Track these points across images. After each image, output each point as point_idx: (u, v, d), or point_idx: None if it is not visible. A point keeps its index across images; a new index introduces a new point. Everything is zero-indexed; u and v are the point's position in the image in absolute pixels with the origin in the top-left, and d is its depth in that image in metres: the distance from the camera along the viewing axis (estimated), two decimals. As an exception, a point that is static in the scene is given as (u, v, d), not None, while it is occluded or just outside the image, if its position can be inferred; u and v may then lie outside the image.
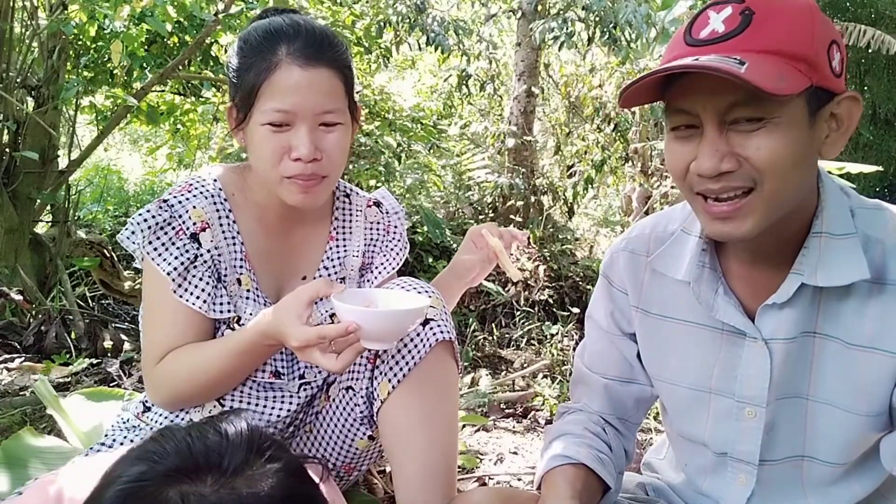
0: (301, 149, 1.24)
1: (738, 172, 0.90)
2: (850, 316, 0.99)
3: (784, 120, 0.88)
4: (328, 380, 1.46)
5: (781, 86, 0.84)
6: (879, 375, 0.98)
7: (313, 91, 1.25)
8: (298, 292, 1.20)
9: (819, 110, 0.91)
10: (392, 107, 4.83)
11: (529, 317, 3.91)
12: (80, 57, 3.74)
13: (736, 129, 0.90)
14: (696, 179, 0.94)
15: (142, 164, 8.63)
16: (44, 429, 2.10)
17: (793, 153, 0.89)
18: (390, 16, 5.07)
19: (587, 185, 5.46)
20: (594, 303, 1.26)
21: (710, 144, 0.90)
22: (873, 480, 1.08)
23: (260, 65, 1.25)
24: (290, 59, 1.24)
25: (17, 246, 3.31)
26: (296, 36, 1.26)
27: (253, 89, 1.25)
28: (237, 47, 1.32)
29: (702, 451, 1.15)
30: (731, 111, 0.89)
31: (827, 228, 0.98)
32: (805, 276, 0.98)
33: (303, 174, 1.26)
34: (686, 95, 0.91)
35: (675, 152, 0.96)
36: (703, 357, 1.10)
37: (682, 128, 0.95)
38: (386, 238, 1.52)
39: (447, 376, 1.35)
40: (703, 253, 1.07)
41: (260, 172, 1.32)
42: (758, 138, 0.88)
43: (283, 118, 1.24)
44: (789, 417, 1.06)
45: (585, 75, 6.03)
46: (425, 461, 1.30)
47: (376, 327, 1.15)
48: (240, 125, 1.31)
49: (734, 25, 0.89)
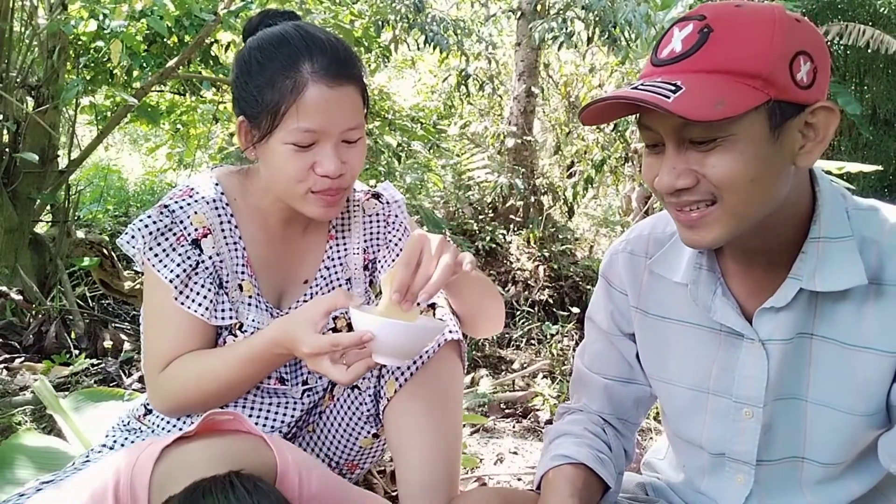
0: (329, 166, 1.22)
1: (696, 188, 0.92)
2: (847, 317, 0.99)
3: (741, 136, 0.88)
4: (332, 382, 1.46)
5: (717, 110, 0.85)
6: (877, 374, 0.98)
7: (340, 110, 1.22)
8: (316, 301, 1.19)
9: (785, 122, 0.90)
10: (392, 106, 4.83)
11: (529, 317, 3.92)
12: (80, 57, 3.73)
13: (693, 147, 0.91)
14: (661, 195, 0.97)
15: (142, 164, 8.63)
16: (44, 429, 2.10)
17: (751, 168, 0.90)
18: (388, 15, 5.07)
19: (587, 185, 5.47)
20: (594, 304, 1.26)
21: (668, 162, 0.93)
22: (871, 478, 1.09)
23: (283, 82, 1.20)
24: (317, 77, 1.20)
25: (17, 246, 3.30)
26: (319, 52, 1.22)
27: (277, 109, 1.21)
28: (250, 60, 1.26)
29: (699, 451, 1.16)
30: (685, 130, 0.90)
31: (824, 232, 0.98)
32: (803, 282, 0.98)
33: (330, 189, 1.25)
34: (648, 114, 0.94)
35: (647, 165, 0.99)
36: (702, 358, 1.11)
37: (650, 145, 0.98)
38: (386, 230, 1.48)
39: (453, 376, 1.36)
40: (699, 255, 1.07)
41: (279, 188, 1.28)
42: (713, 156, 0.90)
43: (309, 138, 1.21)
44: (787, 419, 1.06)
45: (585, 75, 6.04)
46: (430, 460, 1.31)
47: (391, 340, 1.11)
48: (253, 141, 1.27)
49: (690, 45, 0.90)
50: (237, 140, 1.34)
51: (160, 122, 4.61)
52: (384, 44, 5.20)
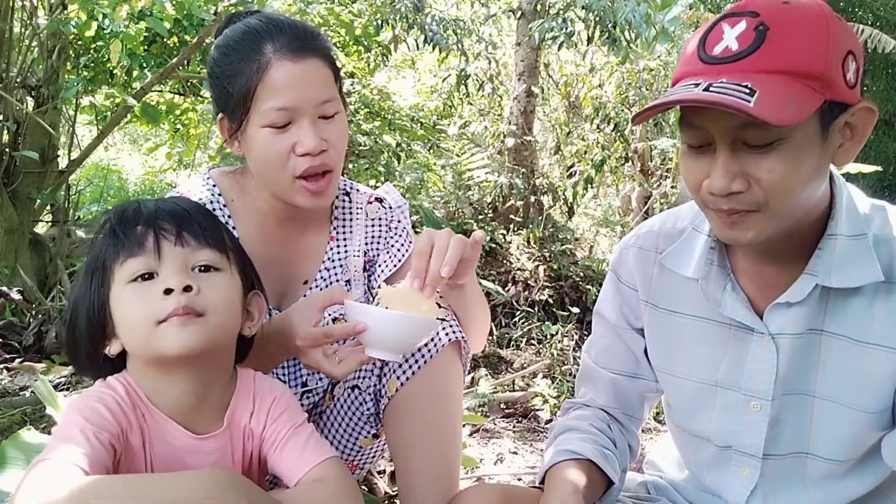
0: (308, 142, 1.22)
1: (747, 194, 0.91)
2: (858, 314, 1.00)
3: (796, 139, 0.88)
4: (332, 382, 1.46)
5: (790, 113, 0.83)
6: (886, 372, 0.99)
7: (309, 83, 1.23)
8: (313, 297, 1.19)
9: (832, 123, 0.90)
10: (392, 106, 4.83)
11: (529, 317, 3.91)
12: (80, 57, 3.74)
13: (748, 149, 0.90)
14: (707, 197, 0.95)
15: (142, 163, 8.63)
16: (44, 429, 2.10)
17: (804, 172, 0.90)
18: (388, 14, 5.07)
19: (587, 185, 5.47)
20: (602, 298, 1.27)
21: (723, 165, 0.91)
22: (874, 478, 1.09)
23: (249, 67, 1.22)
24: (280, 55, 1.22)
25: (17, 246, 3.30)
26: (279, 32, 1.24)
27: (247, 93, 1.22)
28: (217, 55, 1.28)
29: (705, 445, 1.16)
30: (743, 132, 0.89)
31: (841, 230, 0.98)
32: (819, 278, 0.99)
33: (312, 167, 1.24)
34: (699, 113, 0.91)
35: (690, 168, 0.97)
36: (711, 352, 1.11)
37: (695, 145, 0.95)
38: (388, 234, 1.48)
39: (454, 376, 1.36)
40: (711, 251, 1.08)
41: (266, 177, 1.29)
42: (770, 160, 0.89)
43: (284, 116, 1.22)
44: (794, 414, 1.07)
45: (585, 75, 6.04)
46: (430, 459, 1.31)
47: (384, 331, 1.10)
48: (234, 134, 1.28)
49: (747, 43, 0.88)
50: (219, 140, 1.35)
51: (160, 123, 4.61)
52: (384, 43, 5.20)
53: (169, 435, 1.01)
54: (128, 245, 0.98)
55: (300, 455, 1.04)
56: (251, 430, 1.07)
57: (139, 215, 1.01)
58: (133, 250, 0.98)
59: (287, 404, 1.10)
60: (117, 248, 0.98)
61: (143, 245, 0.98)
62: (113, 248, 0.99)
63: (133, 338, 0.98)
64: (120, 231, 0.99)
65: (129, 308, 0.97)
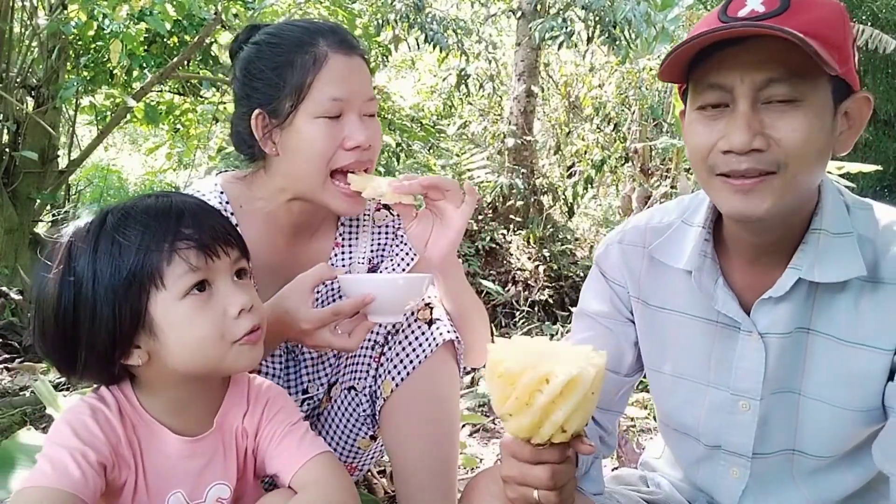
0: (359, 136, 1.25)
1: (767, 153, 0.90)
2: (844, 313, 1.00)
3: (816, 104, 0.89)
4: (330, 383, 1.46)
5: (830, 61, 0.85)
6: (871, 372, 0.99)
7: (360, 78, 1.28)
8: (300, 278, 1.20)
9: (839, 104, 0.92)
10: (392, 106, 4.83)
11: (529, 317, 3.92)
12: (80, 57, 3.74)
13: (769, 107, 0.90)
14: (720, 159, 0.93)
15: (142, 164, 8.63)
16: (44, 429, 2.10)
17: (819, 139, 0.90)
18: (388, 14, 5.08)
19: (587, 185, 5.47)
20: (586, 294, 1.25)
21: (744, 119, 0.90)
22: (866, 471, 1.09)
23: (303, 58, 1.25)
24: (335, 49, 1.26)
25: (17, 246, 3.31)
26: (328, 30, 1.29)
27: (302, 83, 1.24)
28: (259, 51, 1.29)
29: (694, 443, 1.16)
30: (768, 87, 0.89)
31: (825, 226, 0.99)
32: (803, 271, 0.99)
33: (358, 162, 1.27)
34: (721, 69, 0.91)
35: (699, 133, 0.95)
36: (699, 349, 1.11)
37: (709, 107, 0.94)
38: (394, 242, 1.49)
39: (449, 376, 1.36)
40: (705, 243, 1.07)
41: (300, 175, 1.28)
42: (792, 119, 0.89)
43: (337, 107, 1.25)
44: (782, 412, 1.07)
45: (585, 75, 6.05)
46: (427, 459, 1.31)
47: (388, 296, 1.16)
48: (273, 129, 1.27)
49: (774, 6, 0.89)
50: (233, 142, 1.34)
51: (160, 123, 4.61)
52: (384, 43, 5.20)
53: (160, 441, 1.02)
54: (177, 257, 0.93)
55: (296, 450, 1.06)
56: (245, 429, 1.08)
57: (181, 221, 0.95)
58: (185, 262, 0.93)
59: (282, 404, 1.11)
60: (161, 258, 0.93)
61: (196, 257, 0.94)
62: (157, 255, 0.93)
63: (195, 355, 0.96)
64: (165, 240, 0.93)
65: (195, 325, 0.94)
